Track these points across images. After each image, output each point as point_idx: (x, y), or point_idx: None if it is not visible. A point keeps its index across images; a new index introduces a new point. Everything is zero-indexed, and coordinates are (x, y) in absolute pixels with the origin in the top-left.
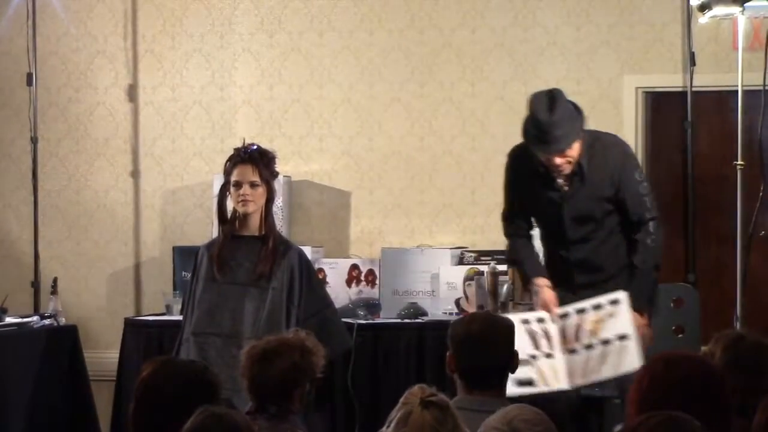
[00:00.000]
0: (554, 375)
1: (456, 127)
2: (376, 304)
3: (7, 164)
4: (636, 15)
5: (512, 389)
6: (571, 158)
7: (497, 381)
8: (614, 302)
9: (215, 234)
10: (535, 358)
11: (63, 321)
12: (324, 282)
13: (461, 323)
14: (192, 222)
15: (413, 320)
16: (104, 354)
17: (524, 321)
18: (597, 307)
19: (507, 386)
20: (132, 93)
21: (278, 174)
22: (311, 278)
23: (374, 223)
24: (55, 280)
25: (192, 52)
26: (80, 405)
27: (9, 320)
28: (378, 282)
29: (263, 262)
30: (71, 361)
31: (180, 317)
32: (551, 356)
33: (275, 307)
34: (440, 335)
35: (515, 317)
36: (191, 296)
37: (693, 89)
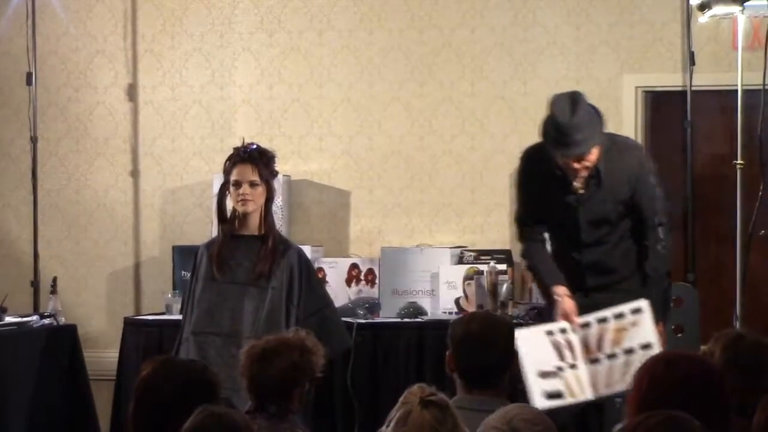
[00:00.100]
0: (579, 386)
1: (456, 127)
2: (376, 304)
3: (7, 164)
4: (636, 14)
5: (542, 402)
6: (590, 162)
7: (497, 380)
8: (636, 311)
9: (215, 233)
10: (562, 370)
11: (62, 320)
12: (323, 281)
13: (461, 322)
14: (191, 221)
15: (413, 320)
16: (104, 353)
17: (548, 332)
18: (619, 316)
19: (537, 399)
20: (132, 92)
21: (278, 173)
22: (311, 277)
23: (374, 223)
24: (55, 280)
25: (192, 52)
26: (80, 404)
27: (8, 320)
28: (378, 281)
29: (263, 262)
30: (71, 361)
31: (179, 317)
32: (575, 367)
33: (275, 307)
34: (440, 335)
35: (539, 329)
36: (191, 296)
37: (693, 89)
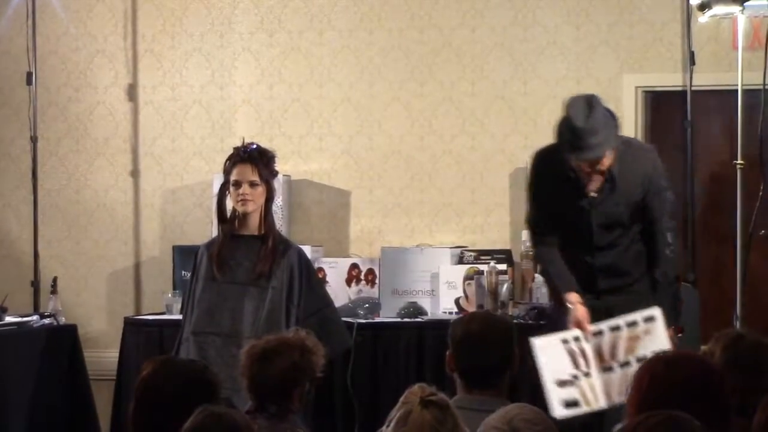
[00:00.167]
0: (593, 394)
1: (456, 127)
2: (376, 304)
3: (7, 163)
4: (636, 14)
5: (560, 411)
6: (604, 166)
7: (497, 380)
8: (649, 319)
9: (215, 233)
10: (577, 378)
11: (63, 320)
12: (324, 281)
13: (461, 322)
14: (192, 221)
15: (413, 319)
16: (104, 353)
17: (563, 341)
18: (632, 325)
19: (555, 408)
20: (132, 92)
21: (278, 173)
22: (311, 277)
23: (374, 223)
24: (55, 280)
25: (192, 52)
26: (80, 404)
27: (9, 319)
28: (378, 281)
29: (263, 262)
30: (71, 361)
31: (180, 316)
32: (589, 375)
33: (275, 307)
34: (440, 334)
35: (554, 338)
36: (191, 295)
37: (693, 88)
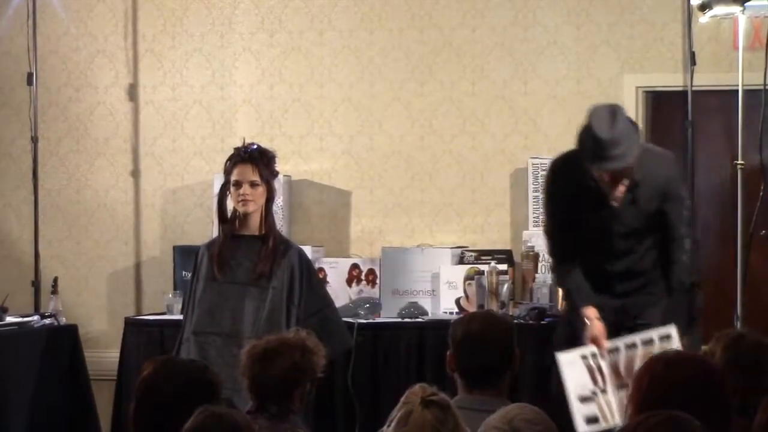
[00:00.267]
0: (610, 411)
1: (456, 127)
2: (377, 304)
3: (8, 164)
4: (636, 14)
5: (583, 427)
6: (626, 177)
7: (497, 380)
8: (665, 337)
9: (215, 233)
10: (596, 395)
11: (63, 320)
12: (324, 281)
13: (461, 322)
14: (192, 221)
15: (413, 320)
16: (104, 353)
17: (583, 357)
18: (647, 342)
19: (579, 424)
20: (132, 92)
21: (278, 173)
22: (311, 277)
23: (374, 223)
24: (56, 280)
25: (192, 52)
26: (80, 404)
27: (9, 320)
28: (378, 281)
29: (263, 262)
30: (71, 361)
31: (180, 317)
32: (605, 392)
33: (275, 307)
34: (440, 334)
35: (576, 353)
36: (191, 296)
37: (693, 89)
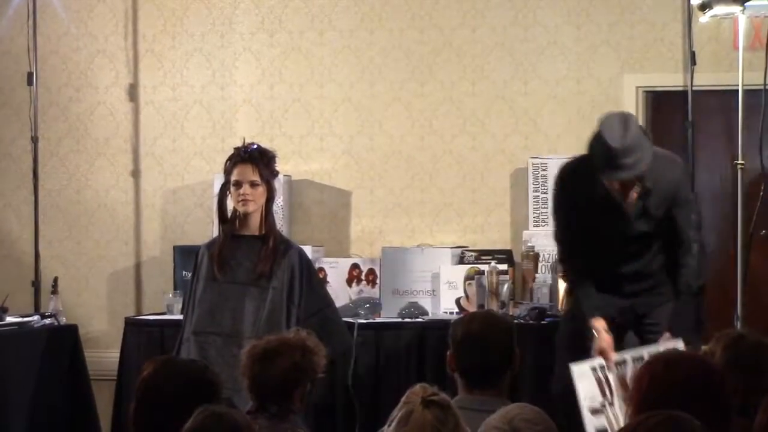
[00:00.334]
0: (617, 423)
1: (456, 127)
2: (377, 304)
3: (8, 164)
4: (636, 14)
5: None
6: (638, 185)
7: (497, 380)
8: None
9: (215, 233)
10: (605, 407)
11: (63, 320)
12: (324, 281)
13: (461, 322)
14: (192, 221)
15: (414, 320)
16: (105, 353)
17: (593, 369)
18: None
19: None
20: (132, 92)
21: (278, 173)
22: (311, 277)
23: (375, 223)
24: (56, 280)
25: (192, 52)
26: (81, 404)
27: (9, 320)
28: (378, 281)
29: (263, 262)
30: (72, 361)
31: (180, 317)
32: (612, 404)
33: (275, 307)
34: (441, 334)
35: (587, 365)
36: (192, 296)
37: (693, 89)
